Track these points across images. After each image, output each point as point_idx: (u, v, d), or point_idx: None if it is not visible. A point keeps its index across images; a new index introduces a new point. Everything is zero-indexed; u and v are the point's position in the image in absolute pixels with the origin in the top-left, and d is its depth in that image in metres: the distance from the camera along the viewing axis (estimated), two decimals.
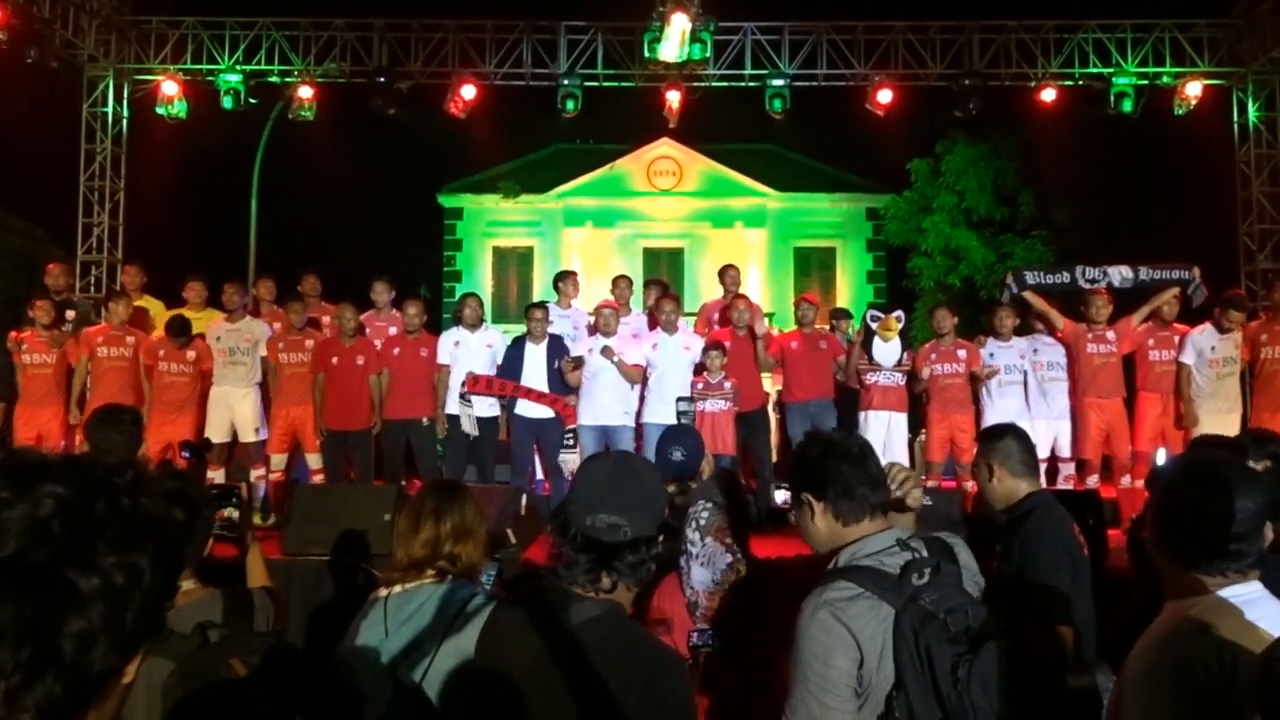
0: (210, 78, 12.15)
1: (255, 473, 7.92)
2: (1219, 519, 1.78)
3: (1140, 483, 7.85)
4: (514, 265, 24.97)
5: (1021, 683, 1.81)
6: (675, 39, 10.94)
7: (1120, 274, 7.85)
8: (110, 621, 0.93)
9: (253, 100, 12.43)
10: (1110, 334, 7.70)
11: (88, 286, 12.17)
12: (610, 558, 1.88)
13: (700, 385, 7.61)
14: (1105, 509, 6.47)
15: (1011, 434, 3.31)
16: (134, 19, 12.27)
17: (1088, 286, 7.78)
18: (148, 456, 7.47)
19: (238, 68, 12.07)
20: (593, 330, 7.96)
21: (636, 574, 1.91)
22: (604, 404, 7.57)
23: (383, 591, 2.51)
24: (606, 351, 7.51)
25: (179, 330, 7.80)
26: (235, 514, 3.21)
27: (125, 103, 12.58)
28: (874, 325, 7.82)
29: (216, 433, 7.86)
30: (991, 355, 7.78)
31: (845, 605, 1.89)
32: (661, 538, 1.96)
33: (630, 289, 8.93)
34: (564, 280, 8.98)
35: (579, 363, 7.53)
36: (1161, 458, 8.14)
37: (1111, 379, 7.65)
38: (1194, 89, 11.85)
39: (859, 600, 1.89)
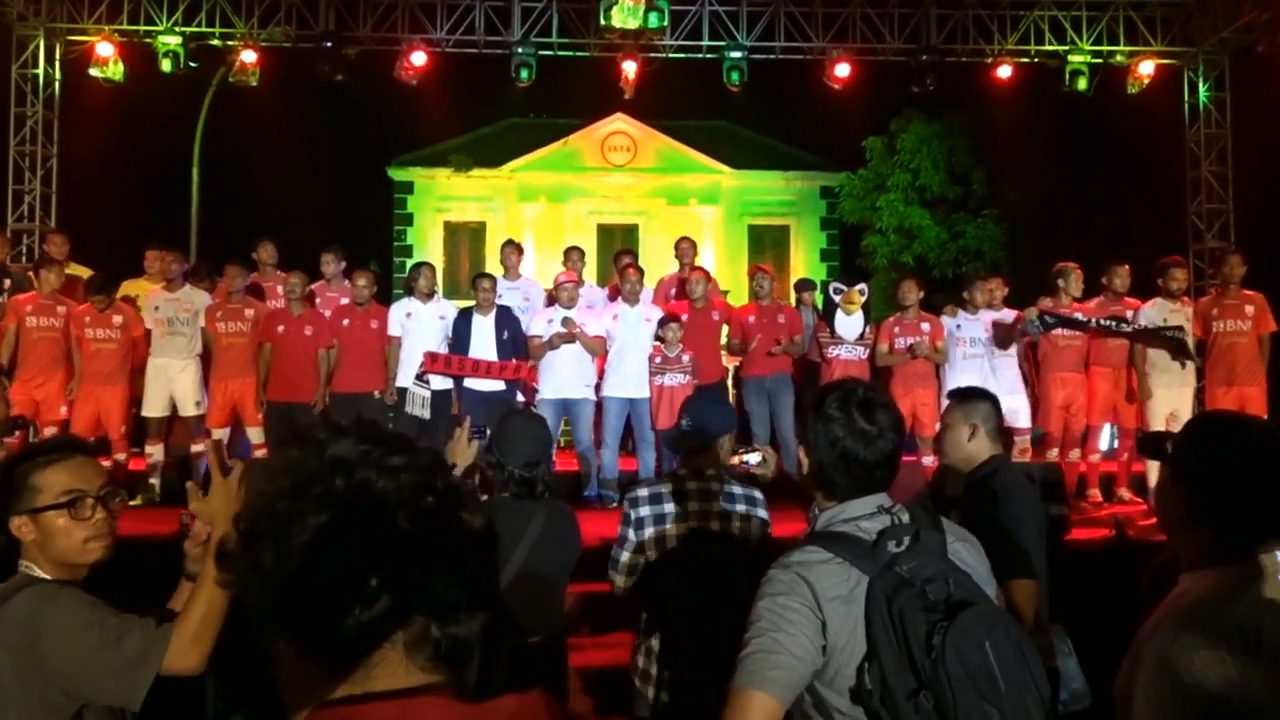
0: (148, 39, 11.65)
1: (196, 448, 7.64)
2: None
3: (1095, 457, 7.90)
4: (466, 240, 24.55)
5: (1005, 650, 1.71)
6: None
7: (1133, 326, 7.65)
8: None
9: (193, 64, 11.94)
10: (1078, 315, 7.73)
11: (19, 256, 11.67)
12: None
13: (658, 359, 7.48)
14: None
15: (990, 399, 3.37)
16: None
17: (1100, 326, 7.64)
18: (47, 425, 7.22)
19: (176, 29, 11.58)
20: (550, 303, 7.81)
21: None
22: (564, 377, 7.44)
23: None
24: (568, 323, 7.37)
25: (99, 288, 7.47)
26: None
27: (57, 64, 12.03)
28: (837, 298, 7.74)
29: (155, 407, 7.59)
30: (959, 326, 7.76)
31: (812, 567, 1.80)
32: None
33: (583, 261, 8.80)
34: (505, 251, 8.81)
35: (551, 342, 7.38)
36: (1107, 433, 8.19)
37: (1075, 356, 7.72)
38: (1147, 68, 11.93)
39: (829, 565, 1.80)
